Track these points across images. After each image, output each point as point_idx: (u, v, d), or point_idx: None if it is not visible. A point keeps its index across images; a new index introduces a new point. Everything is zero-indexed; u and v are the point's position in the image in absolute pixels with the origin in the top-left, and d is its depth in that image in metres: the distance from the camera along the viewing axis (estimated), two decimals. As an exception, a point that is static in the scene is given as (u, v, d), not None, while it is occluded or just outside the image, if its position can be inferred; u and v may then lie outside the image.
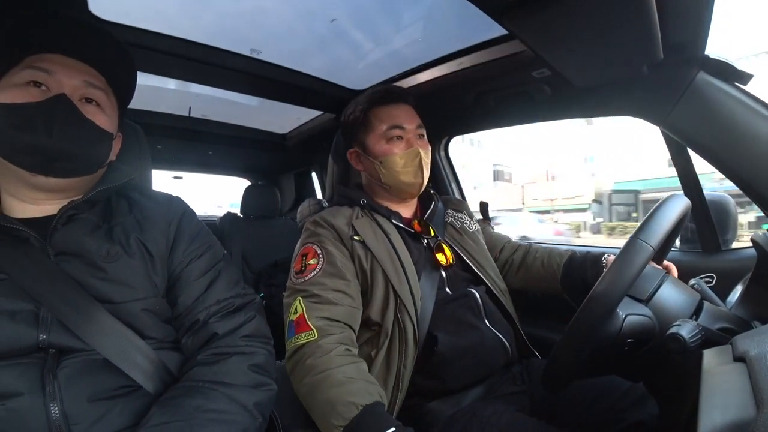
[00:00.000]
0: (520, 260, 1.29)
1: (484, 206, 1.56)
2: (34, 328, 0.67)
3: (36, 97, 0.71)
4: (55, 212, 0.75)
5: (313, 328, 0.92)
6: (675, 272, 0.95)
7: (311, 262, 1.03)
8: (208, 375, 0.74)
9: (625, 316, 0.70)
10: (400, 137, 1.12)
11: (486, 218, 1.49)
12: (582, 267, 1.14)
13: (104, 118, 0.79)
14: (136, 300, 0.77)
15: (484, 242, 1.28)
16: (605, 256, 1.10)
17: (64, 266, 0.73)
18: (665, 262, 0.96)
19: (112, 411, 0.68)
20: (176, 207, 0.90)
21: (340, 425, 0.78)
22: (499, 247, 1.35)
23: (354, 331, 0.99)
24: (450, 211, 1.29)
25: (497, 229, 1.49)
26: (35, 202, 0.77)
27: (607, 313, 0.67)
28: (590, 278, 1.09)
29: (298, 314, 0.95)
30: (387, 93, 1.17)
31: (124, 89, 0.87)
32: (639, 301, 0.74)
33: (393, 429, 0.76)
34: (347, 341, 0.94)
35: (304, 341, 0.91)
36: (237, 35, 1.38)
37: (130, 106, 0.91)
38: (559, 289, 1.20)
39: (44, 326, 0.68)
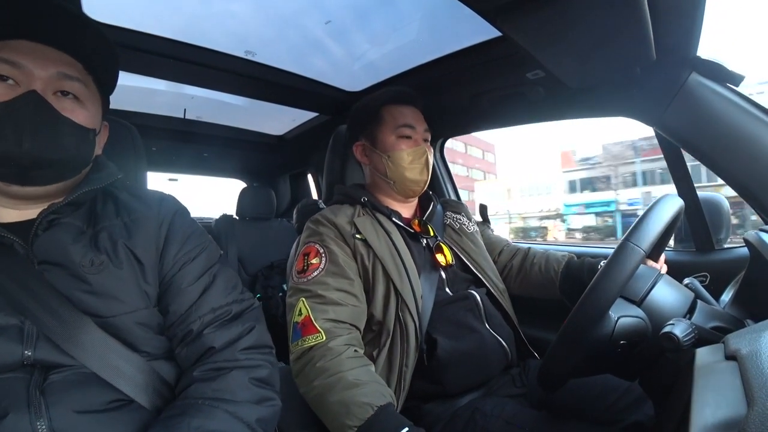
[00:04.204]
0: (519, 265, 1.30)
1: (483, 209, 1.56)
2: (19, 343, 0.62)
3: (2, 95, 0.62)
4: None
5: (320, 330, 0.91)
6: (664, 271, 0.96)
7: (314, 261, 1.03)
8: (208, 392, 0.68)
9: (618, 319, 0.70)
10: (409, 136, 1.16)
11: (485, 221, 1.49)
12: (579, 273, 1.15)
13: (84, 113, 0.70)
14: (126, 313, 0.70)
15: (483, 243, 1.28)
16: (601, 263, 1.10)
17: (48, 276, 0.66)
18: (654, 265, 0.96)
19: (105, 426, 0.63)
20: (167, 206, 0.82)
21: (355, 425, 0.79)
22: (497, 250, 1.35)
23: (360, 331, 0.99)
24: (449, 213, 1.29)
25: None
26: (16, 207, 0.70)
27: (598, 317, 0.67)
28: (587, 285, 1.09)
29: (303, 316, 0.95)
30: (401, 93, 1.21)
31: (105, 75, 0.77)
32: (632, 302, 0.74)
33: (406, 429, 0.77)
34: (355, 342, 0.94)
35: (312, 343, 0.90)
36: (232, 37, 1.38)
37: (125, 107, 0.89)
38: (557, 295, 1.20)
39: (29, 342, 0.63)
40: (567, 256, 1.23)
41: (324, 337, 0.90)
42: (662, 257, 0.98)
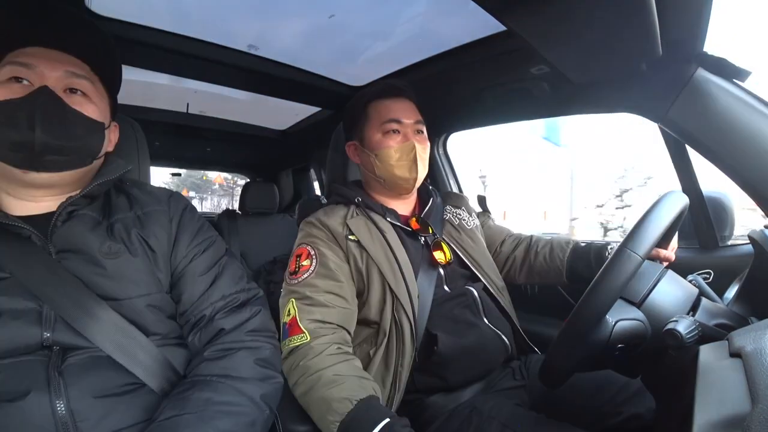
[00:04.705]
0: (523, 256, 1.29)
1: (482, 199, 1.55)
2: (38, 326, 0.68)
3: (18, 93, 0.69)
4: (54, 209, 0.74)
5: (305, 331, 0.92)
6: (673, 252, 0.97)
7: (304, 263, 1.03)
8: (216, 369, 0.74)
9: (615, 323, 0.69)
10: (396, 131, 1.12)
11: (485, 211, 1.48)
12: (585, 260, 1.14)
13: (92, 108, 0.77)
14: (140, 296, 0.76)
15: (482, 239, 1.27)
16: (609, 246, 1.09)
17: (66, 264, 0.72)
18: (663, 252, 0.95)
19: (119, 407, 0.68)
20: (177, 202, 0.89)
21: (336, 420, 0.79)
22: (499, 240, 1.34)
23: (347, 331, 0.99)
24: (449, 207, 1.28)
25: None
26: (33, 200, 0.75)
27: (595, 323, 0.67)
28: (595, 272, 1.07)
29: (290, 316, 0.96)
30: (387, 87, 1.17)
31: (110, 76, 0.84)
32: (631, 303, 0.74)
33: (387, 420, 0.77)
34: (339, 341, 0.95)
35: (297, 344, 0.92)
36: (235, 31, 1.37)
37: (128, 102, 0.90)
38: (564, 282, 1.20)
39: (48, 324, 0.68)
40: (572, 243, 1.22)
41: (308, 338, 0.92)
42: (673, 242, 0.96)
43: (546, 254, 1.23)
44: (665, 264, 0.92)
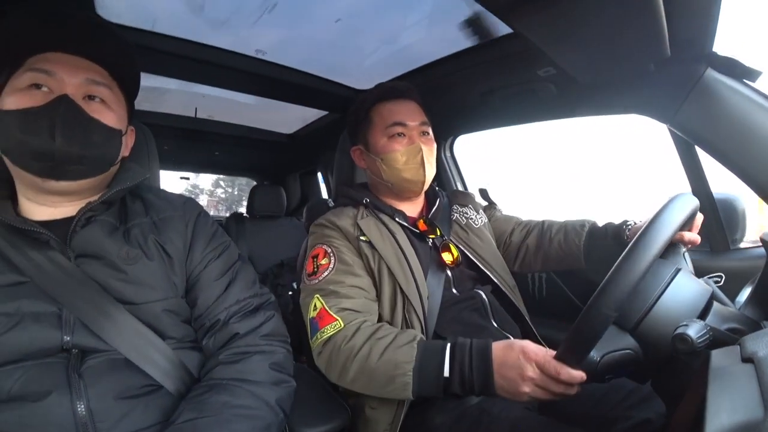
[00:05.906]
0: (536, 244, 1.25)
1: (484, 192, 1.52)
2: (58, 329, 0.69)
3: (38, 100, 0.69)
4: (73, 214, 0.75)
5: (337, 318, 0.92)
6: (698, 221, 0.88)
7: (323, 262, 1.03)
8: (232, 373, 0.76)
9: (601, 359, 0.68)
10: (402, 134, 1.11)
11: (491, 203, 1.45)
12: (603, 243, 1.11)
13: (111, 115, 0.77)
14: (157, 301, 0.77)
15: (491, 237, 1.26)
16: (627, 226, 1.05)
17: (84, 268, 0.74)
18: (688, 236, 0.87)
19: (136, 409, 0.70)
20: (191, 208, 0.90)
21: (408, 370, 0.81)
22: (509, 230, 1.31)
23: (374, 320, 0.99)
24: (456, 206, 1.26)
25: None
26: (52, 205, 0.76)
27: (579, 365, 0.68)
28: (615, 254, 1.03)
29: (318, 309, 0.96)
30: (390, 89, 1.16)
31: (129, 81, 0.84)
32: (624, 329, 0.71)
33: (449, 343, 0.83)
34: (370, 324, 0.94)
35: (331, 333, 0.91)
36: (242, 36, 1.38)
37: (137, 107, 0.91)
38: (583, 266, 1.17)
39: (67, 328, 0.69)
40: (587, 226, 1.17)
41: (342, 324, 0.91)
42: (697, 219, 0.88)
43: (561, 240, 1.19)
44: (689, 246, 0.88)
